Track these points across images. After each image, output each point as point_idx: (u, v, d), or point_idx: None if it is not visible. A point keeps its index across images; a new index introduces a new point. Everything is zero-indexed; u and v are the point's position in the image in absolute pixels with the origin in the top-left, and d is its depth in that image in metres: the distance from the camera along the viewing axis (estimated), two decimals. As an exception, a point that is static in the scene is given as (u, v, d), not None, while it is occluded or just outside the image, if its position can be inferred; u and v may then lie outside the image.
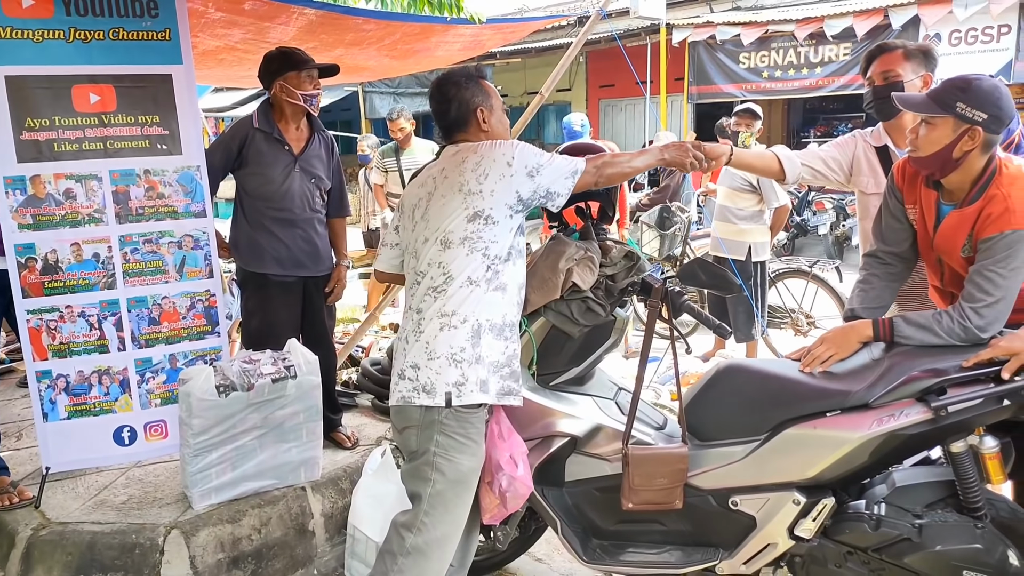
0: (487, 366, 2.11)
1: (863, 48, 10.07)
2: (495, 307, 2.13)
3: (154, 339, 3.19)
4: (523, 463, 2.22)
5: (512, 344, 2.17)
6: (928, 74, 2.51)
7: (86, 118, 2.98)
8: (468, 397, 2.08)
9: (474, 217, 2.12)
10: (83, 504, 2.96)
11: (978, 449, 2.06)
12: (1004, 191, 2.07)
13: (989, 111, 2.03)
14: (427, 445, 2.11)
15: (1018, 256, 2.04)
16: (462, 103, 2.26)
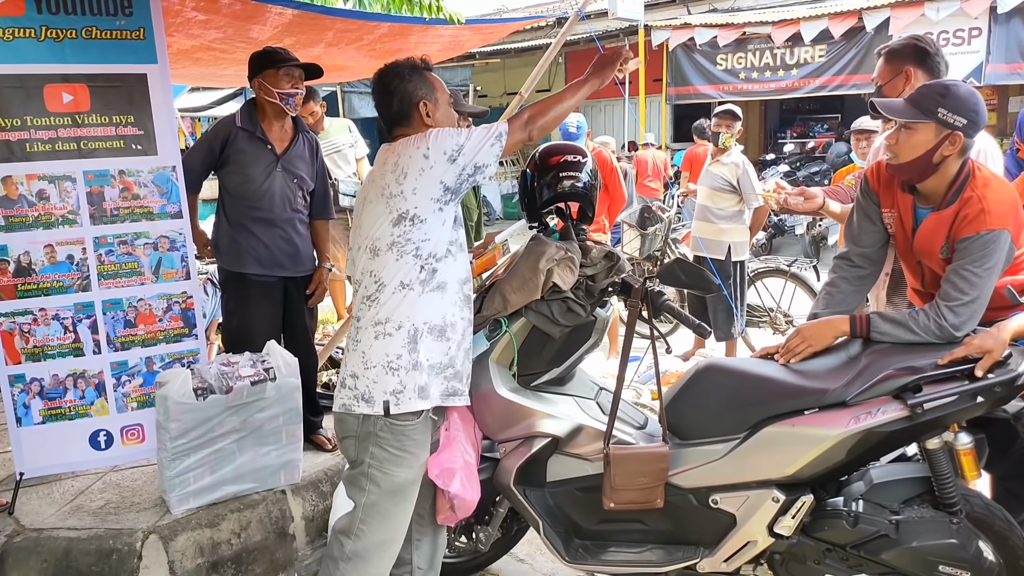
0: (426, 371, 2.05)
1: (839, 50, 10.22)
2: (433, 308, 2.07)
3: (130, 342, 3.15)
4: (464, 476, 2.17)
5: (455, 344, 2.11)
6: (910, 68, 2.51)
7: (59, 118, 2.93)
8: (406, 405, 2.03)
9: (399, 220, 2.05)
10: (58, 510, 2.91)
11: (953, 446, 2.09)
12: (979, 193, 2.10)
13: (968, 116, 2.07)
14: (363, 456, 2.08)
15: (993, 256, 2.07)
16: (404, 96, 2.16)
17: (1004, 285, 2.20)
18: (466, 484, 2.17)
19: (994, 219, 2.07)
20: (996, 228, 2.06)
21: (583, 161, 2.46)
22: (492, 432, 2.44)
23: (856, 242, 2.44)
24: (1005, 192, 2.15)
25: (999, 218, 2.07)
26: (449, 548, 2.67)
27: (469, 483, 2.19)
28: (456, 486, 2.13)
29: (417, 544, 2.32)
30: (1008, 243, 2.09)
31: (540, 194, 2.46)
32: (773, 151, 13.46)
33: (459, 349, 2.13)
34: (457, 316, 2.12)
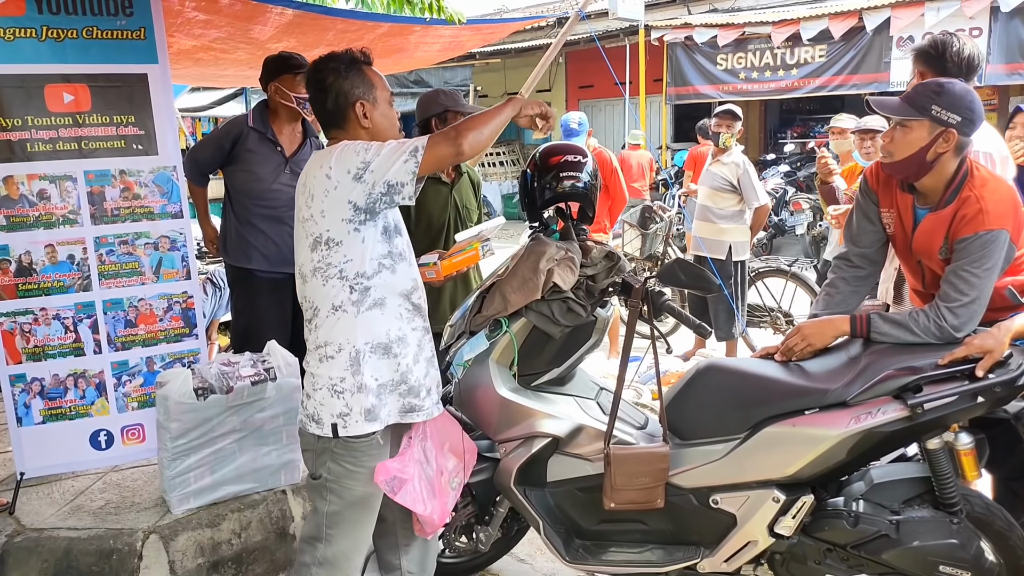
0: (374, 392, 1.97)
1: (838, 50, 10.22)
2: (374, 326, 1.97)
3: (131, 342, 3.15)
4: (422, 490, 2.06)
5: (406, 359, 2.02)
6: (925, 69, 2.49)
7: (60, 118, 2.94)
8: (354, 428, 1.97)
9: (315, 245, 1.95)
10: (59, 510, 2.91)
11: (953, 446, 2.09)
12: (977, 193, 2.11)
13: (963, 113, 2.07)
14: (321, 471, 2.04)
15: (992, 256, 2.07)
16: (339, 94, 1.99)
17: (1005, 286, 2.21)
18: (422, 498, 2.05)
19: (992, 219, 2.07)
20: (995, 228, 2.06)
21: (583, 161, 2.46)
22: (492, 432, 2.44)
23: (855, 242, 2.45)
24: (1003, 192, 2.15)
25: (997, 218, 2.07)
26: (449, 548, 2.68)
27: (427, 498, 2.06)
28: (405, 498, 2.01)
29: (406, 549, 2.27)
30: (1007, 243, 2.09)
31: (540, 194, 2.46)
32: (773, 151, 13.45)
33: (414, 363, 2.04)
34: (406, 329, 2.03)
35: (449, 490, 2.17)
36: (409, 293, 2.05)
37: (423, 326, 2.10)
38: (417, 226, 3.19)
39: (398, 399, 2.02)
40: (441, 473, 2.15)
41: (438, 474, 2.13)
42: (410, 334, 2.04)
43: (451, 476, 2.19)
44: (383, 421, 2.00)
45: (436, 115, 3.13)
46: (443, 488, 2.14)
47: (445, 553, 2.70)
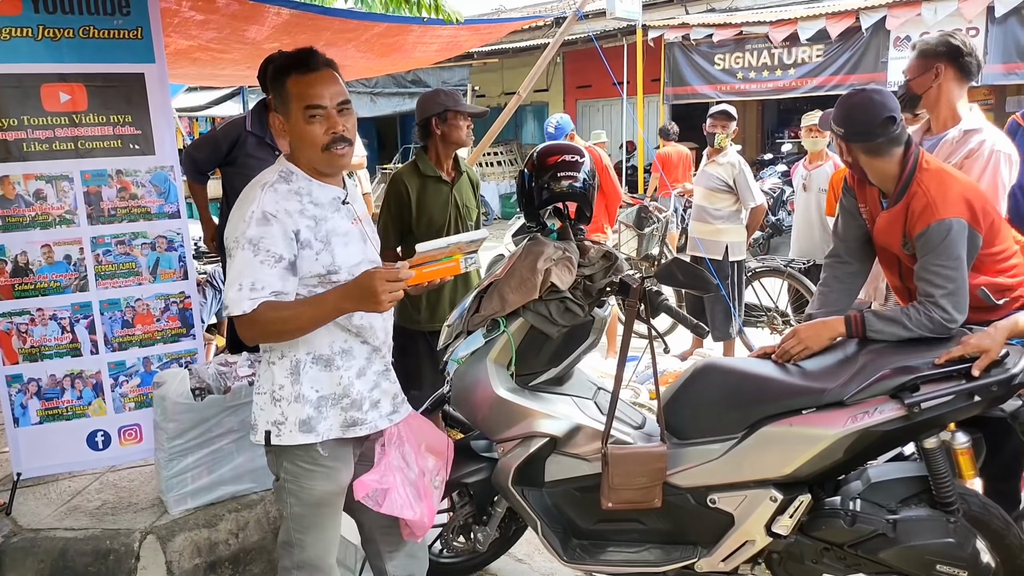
0: (312, 403, 1.92)
1: (836, 50, 10.24)
2: (317, 337, 1.90)
3: (128, 342, 3.15)
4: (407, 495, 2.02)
5: (349, 372, 1.96)
6: (941, 64, 2.51)
7: (56, 117, 2.93)
8: (287, 438, 1.92)
9: None
10: (55, 510, 2.91)
11: (950, 445, 2.10)
12: (923, 187, 2.18)
13: (841, 124, 2.30)
14: (278, 471, 2.00)
15: (954, 245, 2.12)
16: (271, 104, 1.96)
17: (979, 285, 2.22)
18: (410, 503, 2.02)
19: (942, 209, 2.12)
20: (947, 217, 2.11)
21: (581, 161, 2.46)
22: (490, 432, 2.44)
23: (843, 238, 2.52)
24: (950, 182, 2.19)
25: (946, 207, 2.12)
26: (447, 548, 2.67)
27: (415, 502, 2.03)
28: (392, 507, 1.98)
29: (390, 555, 2.21)
30: (965, 231, 2.13)
31: (538, 194, 2.46)
32: (771, 151, 13.47)
33: (357, 377, 1.98)
34: (352, 343, 1.97)
35: (432, 490, 2.14)
36: (350, 316, 1.93)
37: (375, 344, 2.02)
38: (418, 224, 3.19)
39: (340, 413, 1.96)
40: (423, 474, 2.12)
41: (420, 476, 2.10)
42: (357, 347, 1.98)
43: (432, 476, 2.16)
44: (320, 435, 1.92)
45: (436, 115, 3.14)
46: (428, 489, 2.11)
47: (443, 553, 2.70)
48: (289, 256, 1.82)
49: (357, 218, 2.01)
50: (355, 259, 1.95)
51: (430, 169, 3.21)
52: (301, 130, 1.86)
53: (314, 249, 1.87)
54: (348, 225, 1.96)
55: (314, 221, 1.88)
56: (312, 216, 1.88)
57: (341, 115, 1.87)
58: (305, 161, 1.91)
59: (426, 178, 3.21)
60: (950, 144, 2.50)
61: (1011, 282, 2.26)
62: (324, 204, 1.92)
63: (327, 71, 1.88)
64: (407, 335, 3.32)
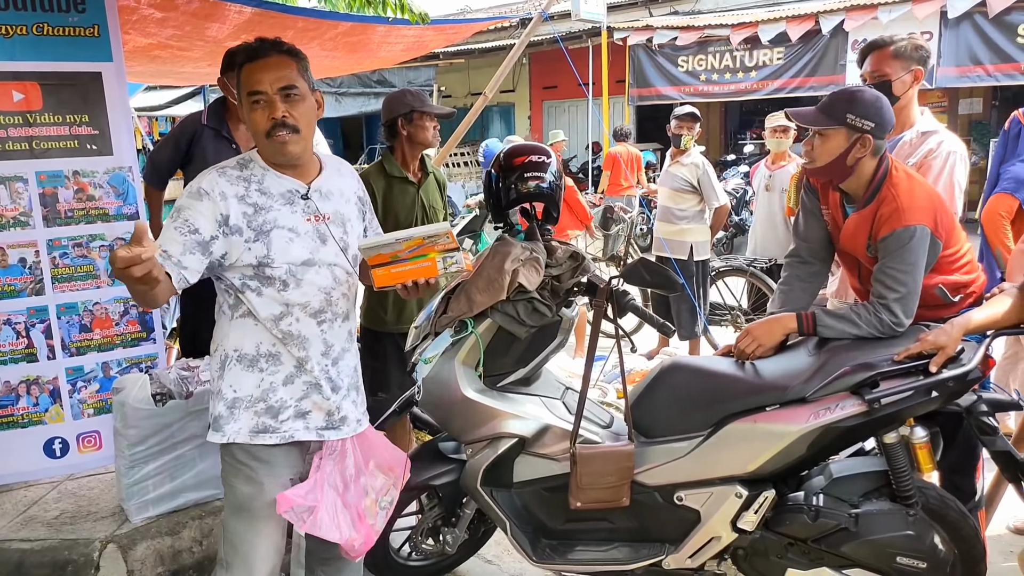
0: (227, 402, 1.89)
1: (796, 52, 10.43)
2: (245, 335, 1.88)
3: (86, 347, 3.07)
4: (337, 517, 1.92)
5: (273, 378, 1.89)
6: (919, 69, 2.57)
7: (9, 117, 2.85)
8: (208, 435, 1.92)
9: None
10: (10, 521, 2.83)
11: (909, 439, 2.15)
12: (894, 192, 2.22)
13: (874, 119, 2.20)
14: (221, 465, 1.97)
15: (914, 251, 2.17)
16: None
17: (936, 284, 2.29)
18: (338, 525, 1.91)
19: (908, 215, 2.16)
20: (912, 223, 2.16)
21: (547, 161, 2.46)
22: (458, 433, 2.43)
23: (804, 238, 2.54)
24: (919, 189, 2.25)
25: (913, 213, 2.17)
26: (416, 550, 2.66)
27: (344, 524, 1.93)
28: (315, 526, 1.87)
29: (324, 564, 2.14)
30: (927, 238, 2.18)
31: (505, 195, 2.46)
32: (733, 152, 13.67)
33: (283, 384, 1.91)
34: (280, 349, 1.90)
35: (377, 510, 2.06)
36: (278, 318, 1.88)
37: (300, 356, 1.91)
38: (384, 225, 3.16)
39: (252, 417, 1.89)
40: (366, 494, 2.03)
41: (360, 496, 2.01)
42: (285, 354, 1.90)
43: (380, 495, 2.07)
44: (226, 436, 1.89)
45: (403, 115, 3.12)
46: (368, 510, 2.02)
47: (412, 556, 2.68)
48: (207, 234, 1.77)
49: (318, 215, 1.91)
50: (299, 257, 1.87)
51: (396, 170, 3.20)
52: (247, 118, 1.86)
53: (243, 236, 1.81)
54: (300, 221, 1.88)
55: (253, 209, 1.83)
56: (253, 204, 1.83)
57: (286, 101, 1.81)
58: (261, 150, 1.89)
59: (392, 179, 3.19)
60: (908, 145, 2.57)
61: (966, 279, 2.33)
62: (274, 195, 1.87)
63: (276, 57, 1.82)
64: (374, 337, 3.30)
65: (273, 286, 1.85)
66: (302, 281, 1.88)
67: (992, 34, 9.08)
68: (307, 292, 1.89)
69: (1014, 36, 9.01)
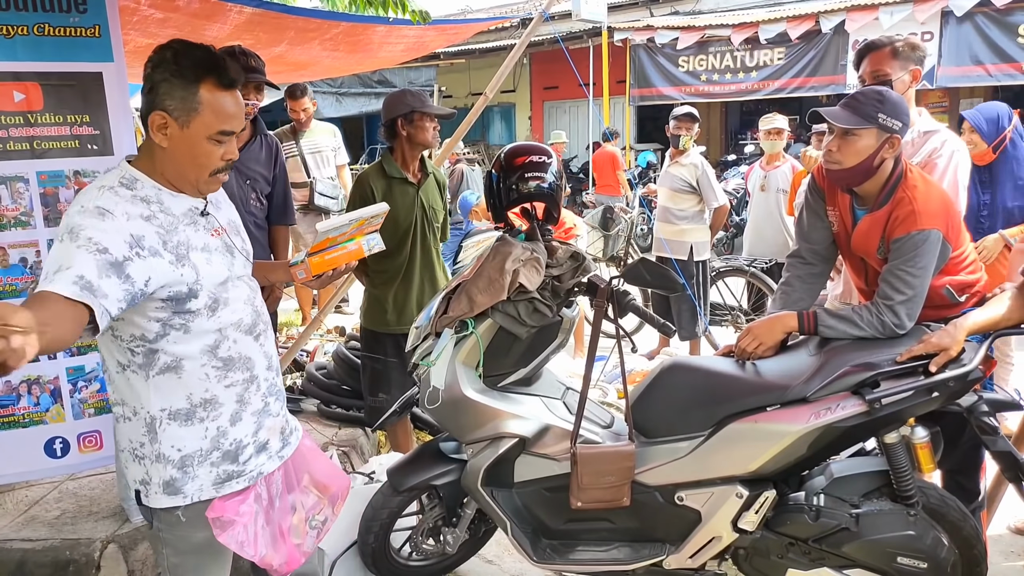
0: (175, 464, 1.67)
1: (796, 53, 10.43)
2: (172, 393, 1.65)
3: (87, 346, 3.07)
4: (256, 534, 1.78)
5: (218, 422, 1.71)
6: (917, 68, 2.57)
7: (10, 117, 2.85)
8: (154, 500, 1.69)
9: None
10: (12, 521, 2.83)
11: (910, 439, 2.15)
12: (910, 194, 2.20)
13: (902, 119, 2.18)
14: (149, 517, 1.75)
15: (925, 255, 2.16)
16: (152, 89, 1.58)
17: (943, 285, 2.29)
18: (253, 543, 1.76)
19: (924, 219, 2.15)
20: (927, 228, 2.15)
21: (548, 162, 2.46)
22: (459, 433, 2.44)
23: (807, 239, 2.52)
24: (934, 193, 2.24)
25: (929, 217, 2.16)
26: (416, 551, 2.66)
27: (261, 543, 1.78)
28: (230, 540, 1.72)
29: None
30: (939, 242, 2.17)
31: (506, 195, 2.46)
32: (734, 152, 13.67)
33: (231, 424, 1.73)
34: (216, 389, 1.70)
35: (307, 530, 1.92)
36: (215, 347, 1.68)
37: (245, 377, 1.75)
38: (383, 227, 3.16)
39: (210, 469, 1.71)
40: (292, 511, 1.90)
41: (285, 513, 1.88)
42: (223, 392, 1.71)
43: (310, 514, 1.94)
44: (188, 496, 1.69)
45: (402, 115, 3.11)
46: (293, 529, 1.88)
47: (412, 556, 2.69)
48: (118, 255, 1.48)
49: (218, 228, 1.74)
50: (220, 276, 1.69)
51: (396, 170, 3.19)
52: (197, 147, 1.60)
53: (166, 259, 1.57)
54: (207, 238, 1.69)
55: (164, 230, 1.60)
56: (161, 225, 1.60)
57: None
58: (170, 175, 1.65)
59: (392, 179, 3.19)
60: (909, 145, 2.56)
61: (971, 279, 2.33)
62: (177, 215, 1.65)
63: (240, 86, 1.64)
64: (375, 337, 3.30)
65: (201, 316, 1.65)
66: (228, 299, 1.70)
67: (993, 34, 9.08)
68: (236, 309, 1.72)
69: (1015, 36, 9.01)
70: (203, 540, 1.74)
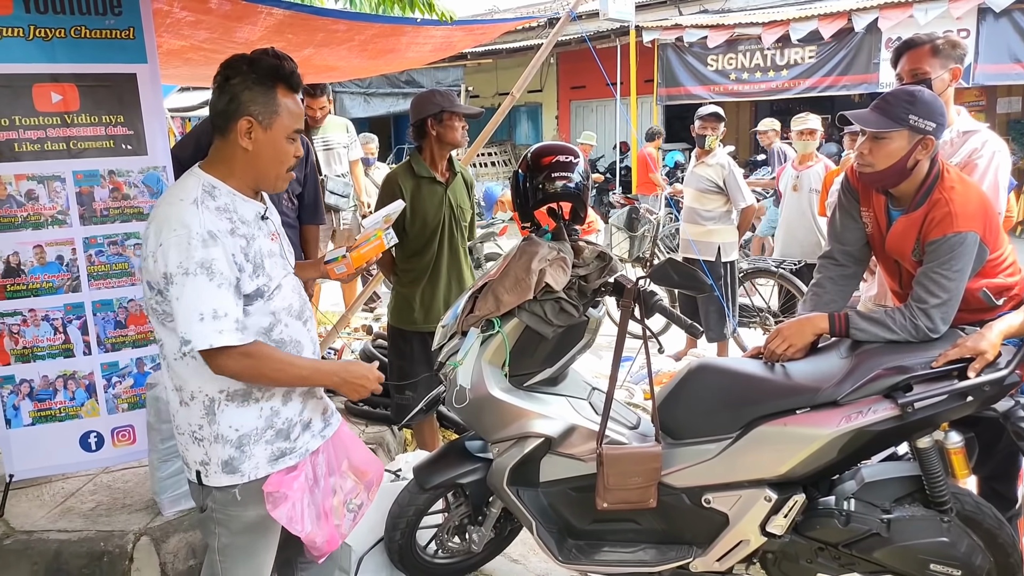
0: (232, 443, 1.78)
1: (828, 51, 10.28)
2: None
3: (121, 343, 3.13)
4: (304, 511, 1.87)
5: (271, 401, 1.83)
6: (957, 67, 2.51)
7: (48, 118, 2.91)
8: (214, 479, 1.80)
9: (150, 286, 1.73)
10: (49, 512, 2.89)
11: (943, 444, 2.11)
12: (947, 195, 2.15)
13: (936, 119, 2.13)
14: (203, 502, 1.85)
15: (961, 258, 2.11)
16: (233, 99, 1.73)
17: (980, 288, 2.24)
18: (300, 520, 1.85)
19: (961, 221, 2.11)
20: (963, 230, 2.10)
21: (575, 161, 2.46)
22: (485, 432, 2.44)
23: (839, 240, 2.48)
24: (972, 194, 2.18)
25: (966, 219, 2.11)
26: (442, 548, 2.67)
27: (306, 521, 1.86)
28: (281, 515, 1.81)
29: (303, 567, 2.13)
30: (976, 245, 2.12)
31: (532, 194, 2.47)
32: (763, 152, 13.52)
33: (283, 403, 1.85)
34: None
35: (344, 512, 2.01)
36: (269, 330, 1.81)
37: (304, 355, 1.90)
38: (412, 225, 3.19)
39: (265, 447, 1.82)
40: (332, 493, 1.99)
41: (327, 495, 1.97)
42: None
43: (348, 497, 2.03)
44: (246, 475, 1.80)
45: (431, 115, 3.13)
46: (334, 510, 1.97)
47: (438, 554, 2.70)
48: (232, 277, 1.68)
49: (275, 232, 1.89)
50: (279, 278, 1.83)
51: (424, 170, 3.21)
52: (280, 147, 1.77)
53: (246, 272, 1.73)
54: (270, 243, 1.84)
55: (245, 241, 1.74)
56: (243, 235, 1.75)
57: None
58: (251, 176, 1.79)
59: (420, 179, 3.21)
60: (949, 145, 2.51)
61: (1010, 282, 2.28)
62: (249, 222, 1.79)
63: None
64: (401, 335, 3.32)
65: (259, 301, 1.77)
66: (281, 285, 1.84)
67: (1031, 31, 8.88)
68: (286, 295, 1.86)
69: (1055, 33, 8.80)
70: (254, 519, 1.84)
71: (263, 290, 1.77)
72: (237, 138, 1.74)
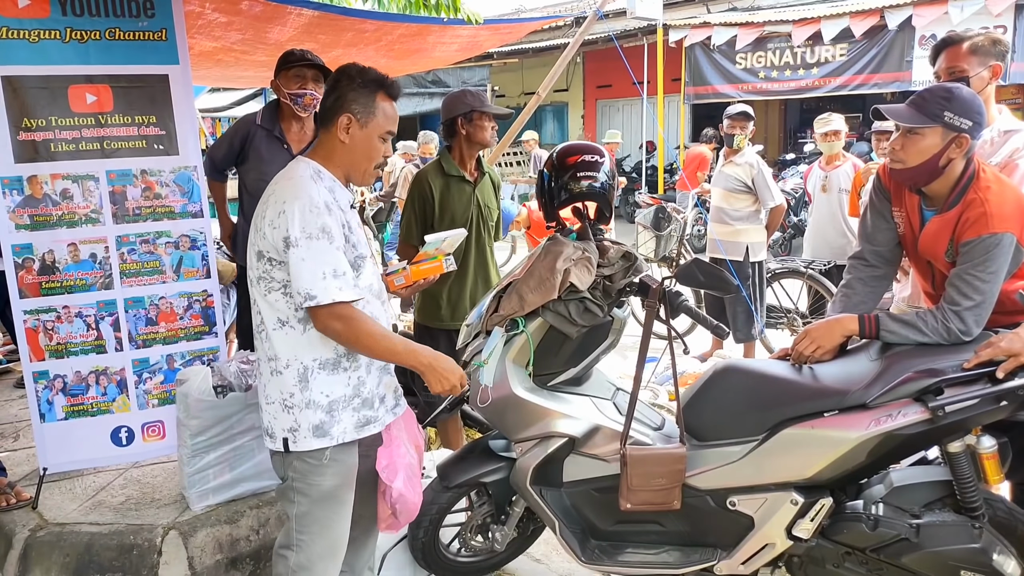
0: (324, 408, 1.96)
1: (859, 49, 10.12)
2: (323, 344, 1.95)
3: (151, 339, 3.18)
4: (406, 475, 2.07)
5: (358, 372, 2.01)
6: (997, 64, 2.46)
7: (83, 118, 2.97)
8: (303, 443, 1.96)
9: (259, 256, 1.94)
10: (80, 505, 2.95)
11: (975, 449, 2.07)
12: (982, 195, 2.10)
13: (973, 118, 2.07)
14: (288, 471, 2.02)
15: (996, 260, 2.06)
16: (339, 98, 1.98)
17: (1016, 289, 2.18)
18: (408, 484, 2.06)
19: (996, 222, 2.05)
20: (999, 231, 2.05)
21: (601, 161, 2.45)
22: (508, 431, 2.44)
23: (870, 241, 2.43)
24: (1009, 194, 2.13)
25: (1002, 220, 2.06)
26: (465, 547, 2.68)
27: (411, 484, 2.08)
28: (400, 483, 2.02)
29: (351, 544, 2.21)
30: (1013, 246, 2.07)
31: (557, 194, 2.46)
32: (793, 151, 13.35)
33: (367, 373, 2.03)
34: None
35: (419, 480, 2.19)
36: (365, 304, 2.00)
37: None
38: (440, 223, 3.21)
39: (352, 414, 2.00)
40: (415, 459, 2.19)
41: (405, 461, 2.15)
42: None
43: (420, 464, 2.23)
44: (335, 438, 1.97)
45: (462, 115, 3.15)
46: (415, 475, 2.15)
47: (461, 552, 2.70)
48: (342, 245, 1.93)
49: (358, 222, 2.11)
50: (367, 256, 2.05)
51: (454, 169, 3.23)
52: (372, 143, 2.01)
53: (349, 243, 1.97)
54: (358, 228, 2.07)
55: (341, 211, 1.98)
56: (340, 207, 1.98)
57: None
58: (345, 166, 2.03)
59: (449, 177, 3.22)
60: (989, 144, 2.45)
61: None
62: (343, 204, 2.02)
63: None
64: (429, 333, 3.33)
65: (355, 271, 1.98)
66: (365, 267, 2.03)
67: (1072, 27, 8.66)
68: (368, 276, 2.04)
69: (1095, 29, 8.58)
70: (332, 488, 2.00)
71: (357, 263, 1.97)
72: (337, 131, 1.97)
